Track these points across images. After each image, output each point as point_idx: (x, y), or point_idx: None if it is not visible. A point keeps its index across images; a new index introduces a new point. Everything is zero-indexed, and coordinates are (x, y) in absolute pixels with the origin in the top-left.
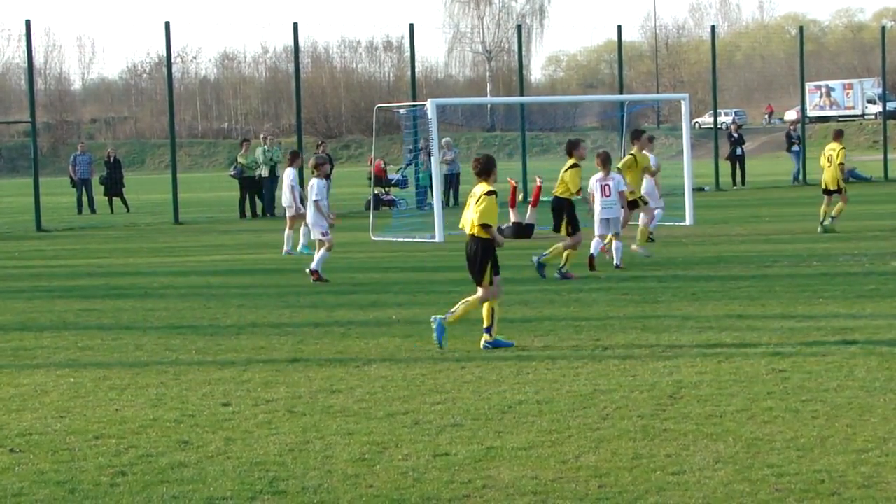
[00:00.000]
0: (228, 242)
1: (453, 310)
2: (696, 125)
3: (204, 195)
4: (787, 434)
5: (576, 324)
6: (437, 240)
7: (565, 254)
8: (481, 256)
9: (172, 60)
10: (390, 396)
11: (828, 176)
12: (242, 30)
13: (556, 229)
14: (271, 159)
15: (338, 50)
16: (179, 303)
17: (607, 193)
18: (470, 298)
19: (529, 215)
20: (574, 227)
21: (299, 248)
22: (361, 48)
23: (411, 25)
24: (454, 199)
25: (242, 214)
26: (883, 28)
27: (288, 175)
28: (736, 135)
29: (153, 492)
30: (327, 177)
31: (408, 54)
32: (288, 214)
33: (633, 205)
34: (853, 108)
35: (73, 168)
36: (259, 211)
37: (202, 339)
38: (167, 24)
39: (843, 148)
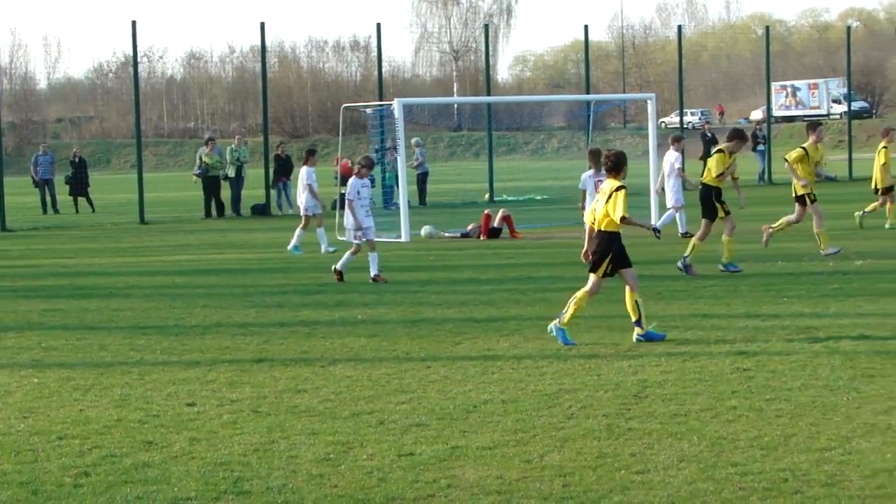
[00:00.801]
0: (194, 242)
1: (564, 310)
2: (663, 125)
3: (170, 195)
4: (750, 433)
5: (541, 323)
6: (403, 239)
7: (692, 244)
8: (602, 250)
9: (139, 60)
10: (355, 396)
11: (874, 175)
12: (209, 29)
13: (708, 217)
14: (238, 159)
15: (305, 49)
16: (144, 303)
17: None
18: (578, 294)
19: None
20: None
21: (290, 246)
22: (328, 48)
23: (378, 25)
24: (422, 198)
25: (207, 214)
26: (848, 28)
27: (303, 175)
28: (709, 134)
29: (117, 492)
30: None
31: (375, 54)
32: (302, 213)
33: (802, 201)
34: (819, 107)
35: (35, 168)
36: (226, 210)
37: (167, 340)
38: (133, 24)
39: (886, 147)
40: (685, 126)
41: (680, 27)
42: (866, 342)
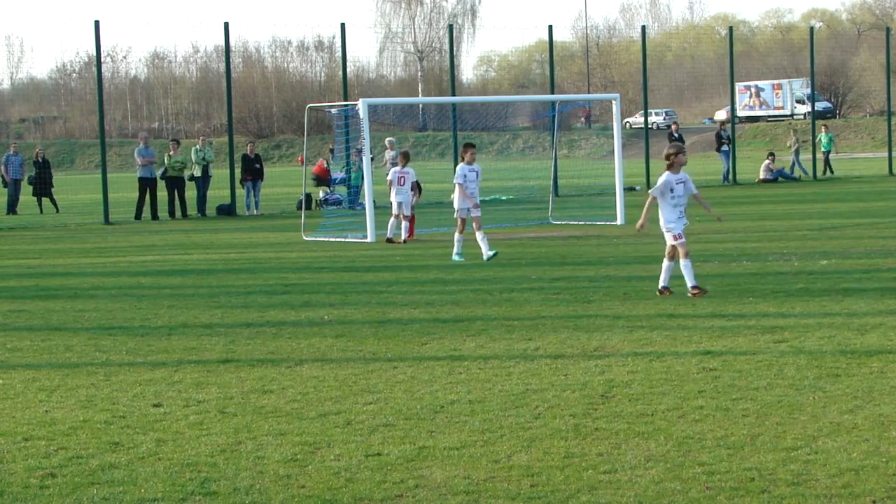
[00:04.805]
0: (159, 243)
1: None
2: (627, 125)
3: (134, 195)
4: (717, 432)
5: (508, 323)
6: (368, 240)
7: None
8: None
9: (102, 60)
10: (322, 397)
11: None
12: (173, 29)
13: None
14: (203, 159)
15: (269, 49)
16: (110, 303)
17: (402, 183)
18: None
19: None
20: None
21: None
22: (293, 48)
23: (342, 25)
24: None
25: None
26: (812, 29)
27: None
28: (677, 135)
29: (83, 493)
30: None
31: (339, 54)
32: (458, 216)
33: None
34: (782, 108)
35: (6, 168)
36: (189, 210)
37: (133, 340)
38: (97, 24)
39: None
40: (650, 126)
41: (644, 28)
42: (831, 342)
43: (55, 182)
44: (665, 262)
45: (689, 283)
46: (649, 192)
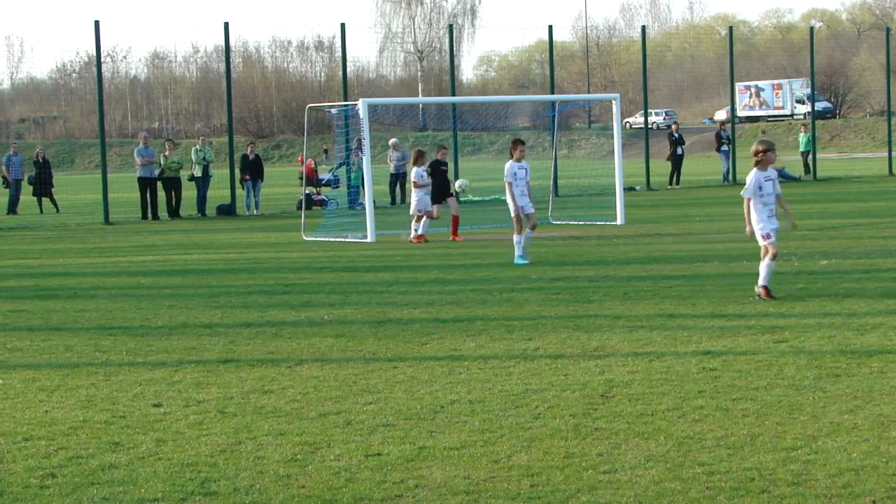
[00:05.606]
0: (159, 243)
1: None
2: (627, 125)
3: (134, 195)
4: (717, 432)
5: (508, 323)
6: (368, 240)
7: None
8: None
9: (102, 60)
10: (322, 397)
11: None
12: (173, 29)
13: None
14: (203, 159)
15: (269, 49)
16: (110, 303)
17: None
18: None
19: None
20: None
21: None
22: (293, 48)
23: (342, 25)
24: (401, 198)
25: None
26: (812, 29)
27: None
28: (677, 135)
29: (83, 493)
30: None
31: (339, 54)
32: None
33: None
34: (782, 108)
35: (7, 168)
36: (182, 210)
37: (133, 340)
38: (97, 24)
39: None
40: (650, 126)
41: (644, 28)
42: (831, 342)
43: (55, 182)
44: (764, 262)
45: (762, 281)
46: (742, 194)
